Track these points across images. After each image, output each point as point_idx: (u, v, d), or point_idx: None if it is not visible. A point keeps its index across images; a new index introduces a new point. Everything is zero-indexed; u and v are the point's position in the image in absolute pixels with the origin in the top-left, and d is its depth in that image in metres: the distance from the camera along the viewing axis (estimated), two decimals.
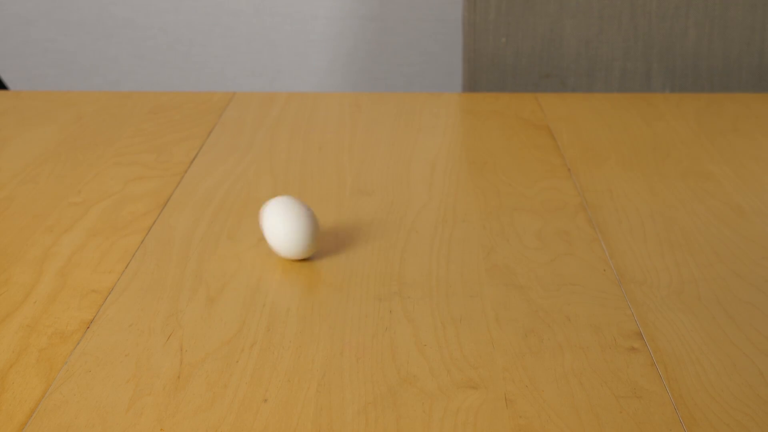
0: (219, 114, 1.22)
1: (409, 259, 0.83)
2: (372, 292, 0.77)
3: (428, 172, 1.02)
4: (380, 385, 0.65)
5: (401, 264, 0.82)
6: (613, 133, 1.14)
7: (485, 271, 0.81)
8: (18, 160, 1.06)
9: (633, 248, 0.85)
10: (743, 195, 0.95)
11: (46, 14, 2.05)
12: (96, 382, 0.66)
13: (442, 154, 1.07)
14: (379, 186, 0.98)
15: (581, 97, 1.30)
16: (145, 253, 0.84)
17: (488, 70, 1.45)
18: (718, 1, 1.40)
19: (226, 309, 0.75)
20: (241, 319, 0.73)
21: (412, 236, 0.87)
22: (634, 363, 0.68)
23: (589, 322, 0.73)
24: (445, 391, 0.64)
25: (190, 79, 2.08)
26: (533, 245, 0.85)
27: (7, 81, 2.07)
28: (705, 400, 0.63)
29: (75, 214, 0.92)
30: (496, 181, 0.99)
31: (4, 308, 0.75)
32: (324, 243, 0.86)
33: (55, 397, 0.64)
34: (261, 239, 0.87)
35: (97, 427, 0.61)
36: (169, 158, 1.07)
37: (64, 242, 0.86)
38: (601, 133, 1.14)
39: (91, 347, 0.70)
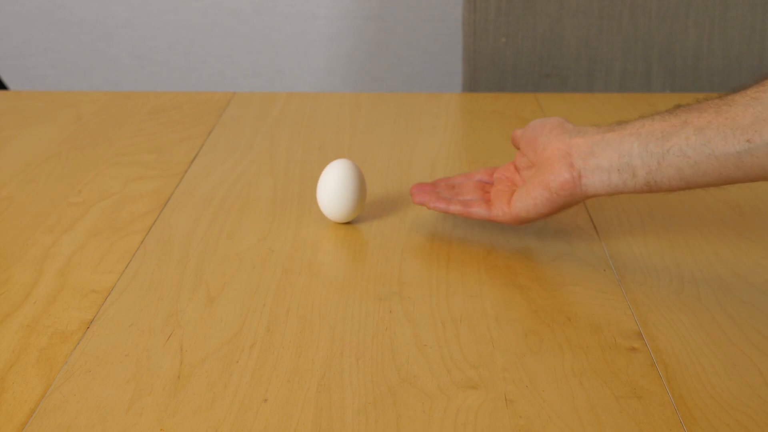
0: (219, 114, 1.22)
1: (409, 259, 0.83)
2: (372, 292, 0.77)
3: (428, 172, 1.02)
4: (380, 385, 0.65)
5: (401, 264, 0.82)
6: None
7: (485, 271, 0.81)
8: (18, 160, 1.06)
9: (633, 248, 0.85)
10: (743, 195, 0.95)
11: (46, 14, 2.05)
12: (96, 382, 0.66)
13: (442, 154, 1.07)
14: (379, 186, 0.98)
15: (581, 97, 1.30)
16: (145, 253, 0.84)
17: (488, 70, 1.45)
18: (718, 1, 1.40)
19: (226, 309, 0.75)
20: (241, 319, 0.73)
21: (412, 236, 0.87)
22: (634, 363, 0.68)
23: (589, 322, 0.73)
24: (445, 391, 0.64)
25: (190, 79, 2.08)
26: (533, 245, 0.85)
27: (7, 81, 2.07)
28: (705, 400, 0.63)
29: (75, 214, 0.92)
30: None
31: (4, 308, 0.75)
32: (323, 243, 0.86)
33: (55, 397, 0.64)
34: (261, 239, 0.87)
35: (97, 427, 0.61)
36: (169, 158, 1.07)
37: (64, 242, 0.86)
38: None
39: (91, 347, 0.70)
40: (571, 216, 0.91)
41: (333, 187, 0.87)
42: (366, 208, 0.93)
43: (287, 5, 2.03)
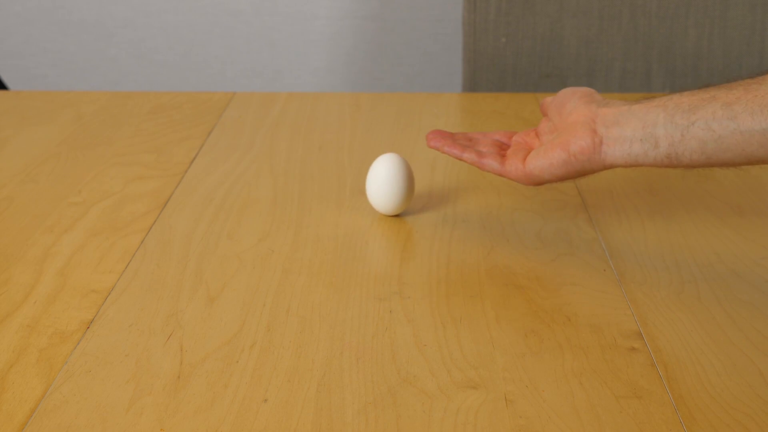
0: (219, 114, 1.22)
1: (409, 259, 0.83)
2: (372, 292, 0.77)
3: (428, 172, 1.02)
4: (380, 385, 0.65)
5: (401, 264, 0.82)
6: None
7: (485, 271, 0.81)
8: (18, 160, 1.06)
9: (633, 248, 0.85)
10: (743, 195, 0.95)
11: (46, 14, 2.05)
12: (96, 382, 0.66)
13: (442, 155, 1.07)
14: None
15: None
16: (145, 253, 0.84)
17: (488, 70, 1.45)
18: (718, 1, 1.40)
19: (226, 309, 0.75)
20: (241, 319, 0.73)
21: (413, 236, 0.87)
22: (634, 363, 0.68)
23: (589, 322, 0.73)
24: (445, 391, 0.64)
25: (190, 79, 2.08)
26: (533, 245, 0.85)
27: (7, 81, 2.07)
28: (705, 400, 0.63)
29: (75, 214, 0.92)
30: (496, 181, 0.99)
31: (4, 308, 0.75)
32: (323, 243, 0.86)
33: (55, 397, 0.64)
34: (261, 239, 0.87)
35: (97, 427, 0.61)
36: (169, 158, 1.07)
37: (64, 242, 0.86)
38: None
39: (91, 347, 0.70)
40: (571, 216, 0.91)
41: (382, 180, 0.89)
42: (366, 209, 0.93)
43: (287, 5, 2.03)
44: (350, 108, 1.25)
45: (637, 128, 0.74)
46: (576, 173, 0.78)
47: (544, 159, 0.78)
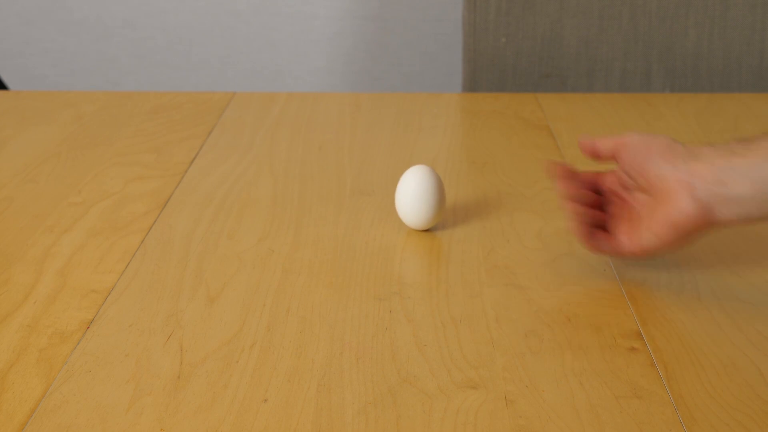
0: (219, 114, 1.22)
1: (409, 259, 0.83)
2: (372, 292, 0.77)
3: None
4: (380, 385, 0.65)
5: (401, 264, 0.82)
6: (613, 133, 1.14)
7: (485, 271, 0.81)
8: (18, 160, 1.06)
9: None
10: None
11: (46, 14, 2.05)
12: (96, 382, 0.66)
13: (442, 154, 1.07)
14: (379, 186, 0.98)
15: (581, 97, 1.30)
16: (145, 253, 0.84)
17: (488, 70, 1.45)
18: (718, 1, 1.40)
19: (226, 309, 0.75)
20: (241, 319, 0.73)
21: (412, 236, 0.87)
22: (634, 363, 0.68)
23: (589, 322, 0.73)
24: (445, 391, 0.64)
25: (190, 79, 2.08)
26: (533, 245, 0.85)
27: (7, 81, 2.07)
28: (705, 400, 0.63)
29: (75, 214, 0.92)
30: (496, 181, 0.99)
31: (4, 308, 0.75)
32: (323, 243, 0.86)
33: (55, 397, 0.64)
34: (261, 239, 0.87)
35: (97, 427, 0.61)
36: (169, 158, 1.07)
37: (64, 242, 0.86)
38: (601, 133, 1.14)
39: (91, 347, 0.70)
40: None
41: (412, 195, 0.86)
42: (366, 209, 0.93)
43: (287, 5, 2.03)
44: (350, 108, 1.25)
45: (746, 187, 0.69)
46: (691, 238, 0.73)
47: (655, 238, 0.73)
